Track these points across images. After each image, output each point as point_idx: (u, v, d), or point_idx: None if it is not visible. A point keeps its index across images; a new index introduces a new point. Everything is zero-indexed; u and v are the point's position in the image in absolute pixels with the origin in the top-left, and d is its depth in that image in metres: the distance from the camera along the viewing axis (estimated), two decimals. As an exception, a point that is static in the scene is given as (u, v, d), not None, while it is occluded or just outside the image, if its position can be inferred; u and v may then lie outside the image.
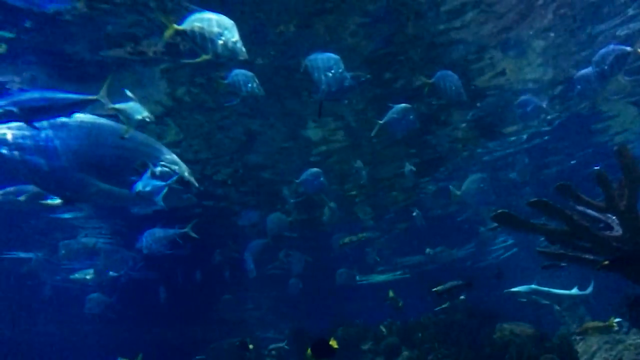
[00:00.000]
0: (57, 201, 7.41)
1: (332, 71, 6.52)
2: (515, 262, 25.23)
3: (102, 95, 6.45)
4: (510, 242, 24.14)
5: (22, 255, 17.58)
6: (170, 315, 25.92)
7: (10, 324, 28.82)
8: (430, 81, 7.89)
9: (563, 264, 12.86)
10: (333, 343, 8.73)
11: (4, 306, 25.28)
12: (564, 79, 10.98)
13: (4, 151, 6.46)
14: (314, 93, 7.03)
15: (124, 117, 6.59)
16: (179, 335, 30.19)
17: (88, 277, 17.76)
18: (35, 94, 6.24)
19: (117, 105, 6.59)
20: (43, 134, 6.51)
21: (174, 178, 6.89)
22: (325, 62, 6.56)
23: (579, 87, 8.97)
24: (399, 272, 26.13)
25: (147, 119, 6.67)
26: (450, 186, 10.90)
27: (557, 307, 14.60)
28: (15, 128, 6.52)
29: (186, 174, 7.11)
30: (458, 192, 10.39)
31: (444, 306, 13.73)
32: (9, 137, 6.45)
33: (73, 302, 18.67)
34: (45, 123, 6.52)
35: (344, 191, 15.07)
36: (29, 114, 6.11)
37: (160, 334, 31.40)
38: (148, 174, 6.83)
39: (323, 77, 6.55)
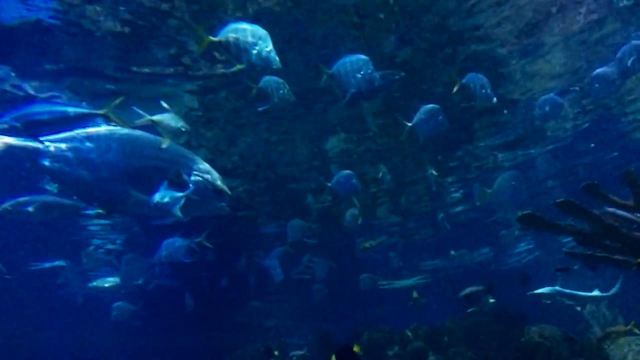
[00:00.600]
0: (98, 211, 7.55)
1: (362, 72, 6.56)
2: (538, 264, 24.91)
3: (108, 111, 6.59)
4: (531, 245, 23.83)
5: (48, 265, 17.83)
6: (196, 321, 26.15)
7: (51, 332, 29.39)
8: (462, 81, 7.84)
9: (575, 267, 12.84)
10: (357, 349, 8.71)
11: (43, 314, 25.78)
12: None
13: (47, 163, 6.62)
14: (342, 97, 6.99)
15: (161, 128, 6.74)
16: (204, 341, 30.41)
17: (107, 285, 17.95)
18: (39, 108, 6.36)
19: (155, 117, 6.74)
20: (85, 146, 6.69)
21: (191, 189, 6.98)
22: (354, 64, 6.59)
23: (596, 85, 8.86)
24: (420, 277, 25.98)
25: (183, 129, 6.83)
26: (476, 185, 10.75)
27: (578, 309, 14.36)
28: (59, 140, 6.72)
29: (219, 182, 7.20)
30: (489, 191, 10.25)
31: (472, 309, 13.59)
32: (52, 149, 6.61)
33: (100, 309, 18.91)
34: (86, 135, 6.69)
35: (367, 196, 15.04)
36: (33, 128, 6.26)
37: (185, 341, 31.68)
38: (165, 185, 6.94)
39: (352, 80, 6.59)
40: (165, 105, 7.13)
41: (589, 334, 13.30)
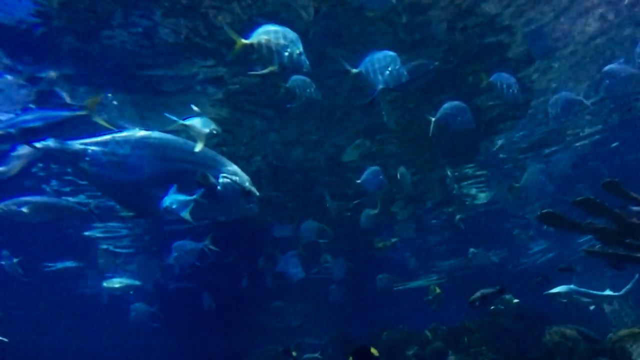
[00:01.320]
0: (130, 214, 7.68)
1: (390, 68, 6.55)
2: (552, 265, 24.65)
3: (91, 111, 6.68)
4: (545, 245, 23.60)
5: (60, 266, 18.03)
6: (214, 322, 26.33)
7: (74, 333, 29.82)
8: (489, 80, 7.86)
9: (577, 268, 12.73)
10: (374, 351, 8.68)
11: (60, 315, 26.14)
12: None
13: (85, 166, 6.79)
14: (371, 95, 7.00)
15: (194, 132, 6.83)
16: (223, 342, 30.62)
17: (117, 285, 18.12)
18: (30, 115, 6.44)
19: (187, 121, 6.86)
20: (121, 151, 6.84)
21: (200, 192, 7.04)
22: (382, 61, 6.59)
23: (607, 81, 8.75)
24: (434, 277, 25.86)
25: (215, 132, 6.92)
26: (494, 182, 10.62)
27: (591, 308, 14.18)
28: (95, 144, 6.90)
29: (247, 184, 7.25)
30: (517, 185, 10.14)
31: (493, 307, 13.51)
32: (90, 152, 6.78)
33: (119, 310, 19.09)
34: (120, 140, 6.84)
35: (385, 196, 15.00)
36: (26, 135, 6.36)
37: (204, 342, 31.92)
38: (174, 189, 7.05)
39: (380, 77, 6.58)
40: (195, 108, 7.24)
41: (610, 333, 13.09)
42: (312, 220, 12.42)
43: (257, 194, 7.38)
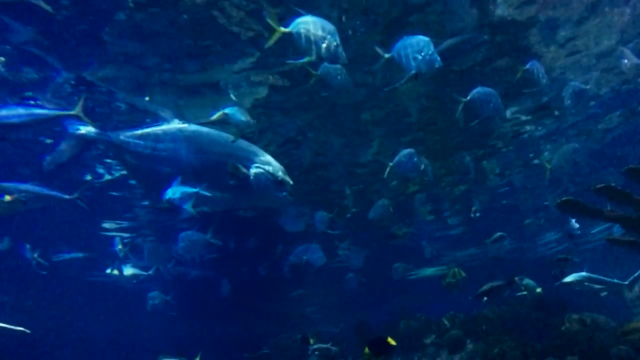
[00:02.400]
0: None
1: (423, 53, 6.50)
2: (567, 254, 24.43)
3: (78, 111, 6.76)
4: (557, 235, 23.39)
5: (68, 256, 18.21)
6: (232, 310, 26.59)
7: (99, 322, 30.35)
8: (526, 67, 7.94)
9: (577, 260, 12.63)
10: (390, 340, 8.71)
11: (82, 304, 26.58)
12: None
13: (127, 158, 7.01)
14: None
15: (233, 123, 6.95)
16: (242, 330, 30.92)
17: (125, 273, 18.33)
18: (10, 111, 6.46)
19: (226, 110, 6.97)
20: (159, 145, 7.01)
21: (203, 186, 7.14)
22: (415, 45, 6.54)
23: (625, 61, 8.67)
24: (444, 267, 25.77)
25: (250, 123, 7.03)
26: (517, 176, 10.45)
27: (602, 294, 14.04)
28: (136, 137, 7.05)
29: (280, 173, 7.36)
30: (549, 166, 9.98)
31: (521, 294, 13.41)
32: (132, 145, 7.01)
33: (138, 298, 19.32)
34: (160, 133, 7.03)
35: (403, 186, 14.97)
36: (4, 131, 6.40)
37: (223, 330, 32.28)
38: (178, 181, 7.16)
39: (412, 62, 6.55)
40: (233, 97, 7.32)
41: (631, 321, 12.99)
42: (323, 211, 12.43)
43: (291, 182, 7.47)
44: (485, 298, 10.89)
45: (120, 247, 15.24)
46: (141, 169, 7.13)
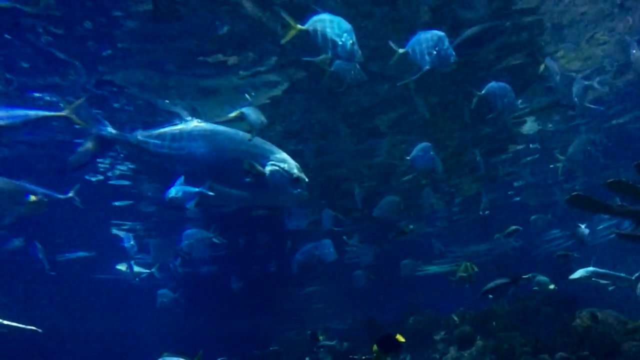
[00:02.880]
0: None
1: (437, 48, 6.47)
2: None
3: (68, 112, 6.78)
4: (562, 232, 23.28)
5: (74, 256, 18.25)
6: (243, 307, 26.71)
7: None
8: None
9: (577, 255, 12.58)
10: (399, 337, 8.70)
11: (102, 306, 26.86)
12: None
13: (146, 157, 7.18)
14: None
15: (249, 122, 7.06)
16: (251, 326, 31.04)
17: (125, 268, 18.37)
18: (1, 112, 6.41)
19: (243, 109, 7.10)
20: (175, 144, 7.12)
21: (206, 185, 7.20)
22: (429, 41, 6.51)
23: (633, 51, 8.62)
24: (454, 263, 25.69)
25: (265, 123, 7.17)
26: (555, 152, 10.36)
27: (610, 288, 13.94)
28: (154, 137, 7.16)
29: (295, 170, 7.41)
30: (562, 157, 9.91)
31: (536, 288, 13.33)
32: (151, 145, 7.16)
33: (148, 295, 19.41)
34: (177, 133, 7.12)
35: (413, 181, 14.94)
36: None
37: (233, 327, 32.42)
38: (181, 180, 7.23)
39: (427, 57, 6.52)
40: (248, 97, 7.36)
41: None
42: (329, 209, 12.45)
43: (306, 179, 7.52)
44: (490, 296, 10.86)
45: (132, 243, 15.27)
46: (159, 168, 7.20)
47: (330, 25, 5.89)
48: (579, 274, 13.33)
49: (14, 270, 19.54)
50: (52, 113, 6.79)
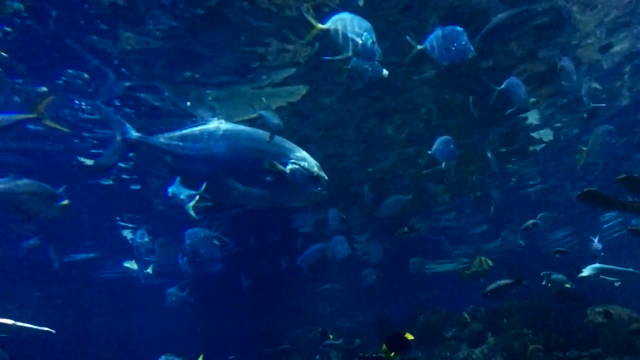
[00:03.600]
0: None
1: (455, 44, 6.49)
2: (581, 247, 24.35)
3: (38, 113, 6.76)
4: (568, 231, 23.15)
5: (79, 257, 18.33)
6: (253, 306, 26.80)
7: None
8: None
9: (568, 251, 12.54)
10: (408, 336, 8.72)
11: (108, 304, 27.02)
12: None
13: (169, 159, 7.27)
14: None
15: (268, 124, 7.20)
16: (262, 326, 31.12)
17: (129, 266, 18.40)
18: None
19: (261, 111, 7.26)
20: (196, 144, 7.21)
21: (202, 188, 7.26)
22: (448, 37, 6.51)
23: None
24: (461, 261, 25.60)
25: (280, 125, 7.30)
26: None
27: (617, 284, 13.86)
28: (176, 139, 7.29)
29: (315, 169, 7.48)
30: (584, 148, 9.89)
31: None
32: (172, 147, 7.25)
33: (157, 295, 19.48)
34: (197, 133, 7.22)
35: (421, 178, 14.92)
36: None
37: (243, 326, 32.54)
38: (178, 181, 7.31)
39: (445, 53, 6.53)
40: (264, 100, 7.57)
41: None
42: (335, 209, 12.48)
43: (326, 178, 7.60)
44: (489, 295, 10.88)
45: (146, 239, 15.17)
46: (183, 171, 7.30)
47: (350, 24, 5.92)
48: (587, 271, 13.28)
49: (31, 271, 19.77)
50: (23, 116, 6.74)
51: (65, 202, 7.40)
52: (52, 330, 10.08)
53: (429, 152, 9.47)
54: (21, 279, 20.46)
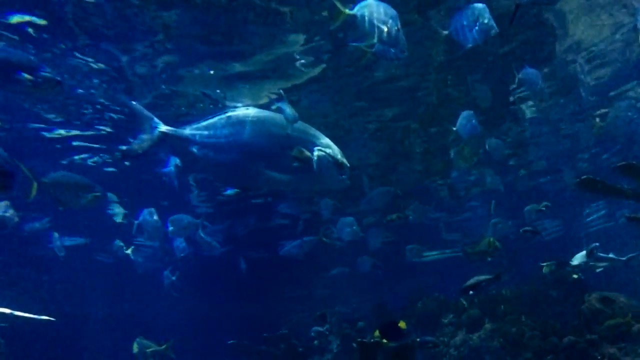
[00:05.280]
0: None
1: (479, 22, 6.46)
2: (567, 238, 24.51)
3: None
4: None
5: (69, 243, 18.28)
6: (253, 291, 26.93)
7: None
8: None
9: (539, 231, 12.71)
10: (402, 324, 8.82)
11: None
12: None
13: (195, 150, 7.31)
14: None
15: (285, 116, 7.31)
16: (262, 311, 31.32)
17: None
18: None
19: (279, 104, 7.38)
20: (223, 132, 7.29)
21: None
22: (470, 16, 6.49)
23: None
24: (448, 251, 25.68)
25: (296, 116, 7.39)
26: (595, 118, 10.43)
27: (597, 270, 14.01)
28: (202, 129, 7.35)
29: (339, 156, 7.57)
30: (602, 124, 9.95)
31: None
32: (198, 137, 7.31)
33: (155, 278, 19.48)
34: (224, 121, 7.33)
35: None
36: None
37: (244, 310, 32.73)
38: (176, 161, 7.41)
39: (468, 34, 6.53)
40: (282, 92, 7.70)
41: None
42: (328, 199, 12.49)
43: (349, 165, 7.70)
44: (471, 292, 10.97)
45: (156, 218, 14.90)
46: (209, 160, 7.37)
47: (377, 10, 6.01)
48: (577, 259, 13.41)
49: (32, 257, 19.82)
50: None
51: (98, 193, 7.82)
52: (52, 318, 10.19)
53: (454, 128, 9.43)
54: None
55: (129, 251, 15.80)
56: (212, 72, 9.31)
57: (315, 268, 23.88)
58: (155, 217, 11.70)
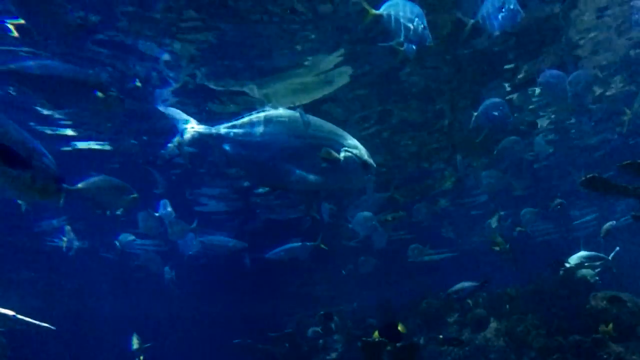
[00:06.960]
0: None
1: (505, 8, 6.58)
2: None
3: None
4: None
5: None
6: (257, 289, 26.96)
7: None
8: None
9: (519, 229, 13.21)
10: (401, 328, 8.89)
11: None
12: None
13: (227, 148, 7.37)
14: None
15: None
16: (266, 309, 31.37)
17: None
18: None
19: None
20: (255, 130, 7.33)
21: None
22: (495, 3, 6.61)
23: (636, 16, 8.67)
24: (445, 250, 25.63)
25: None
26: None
27: (593, 271, 14.01)
28: (235, 127, 7.42)
29: (366, 157, 7.62)
30: (629, 111, 9.98)
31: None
32: (232, 135, 7.39)
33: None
34: (255, 119, 7.41)
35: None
36: None
37: (247, 308, 32.79)
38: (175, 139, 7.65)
39: (495, 22, 6.66)
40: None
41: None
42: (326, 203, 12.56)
43: (375, 165, 7.70)
44: (455, 296, 11.48)
45: (170, 209, 14.75)
46: (242, 158, 7.48)
47: (403, 9, 6.18)
48: (574, 260, 13.40)
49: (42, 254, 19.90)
50: None
51: (135, 195, 8.21)
52: (51, 327, 10.30)
53: (475, 113, 9.23)
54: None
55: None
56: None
57: (321, 267, 23.87)
58: (169, 209, 11.99)
